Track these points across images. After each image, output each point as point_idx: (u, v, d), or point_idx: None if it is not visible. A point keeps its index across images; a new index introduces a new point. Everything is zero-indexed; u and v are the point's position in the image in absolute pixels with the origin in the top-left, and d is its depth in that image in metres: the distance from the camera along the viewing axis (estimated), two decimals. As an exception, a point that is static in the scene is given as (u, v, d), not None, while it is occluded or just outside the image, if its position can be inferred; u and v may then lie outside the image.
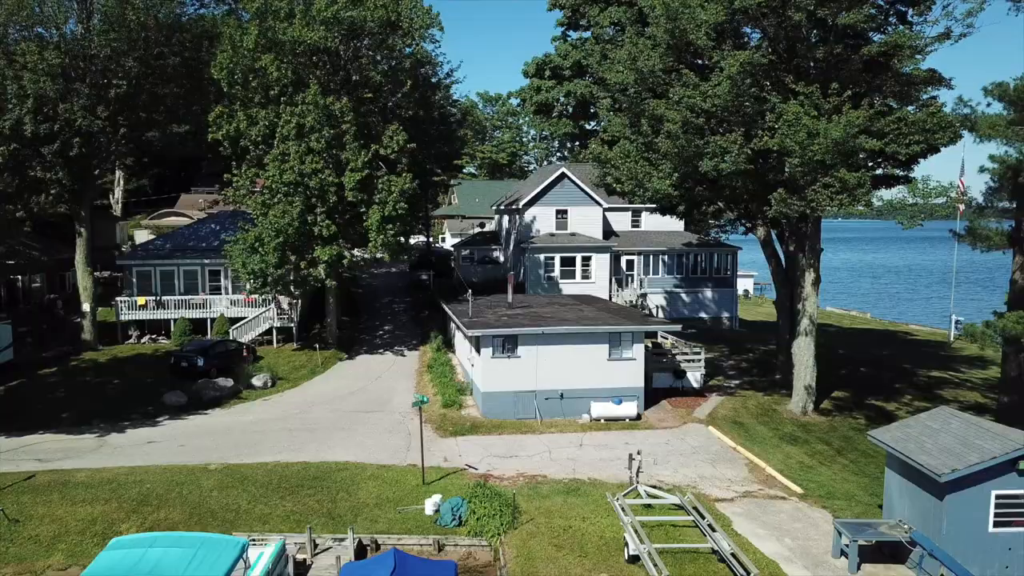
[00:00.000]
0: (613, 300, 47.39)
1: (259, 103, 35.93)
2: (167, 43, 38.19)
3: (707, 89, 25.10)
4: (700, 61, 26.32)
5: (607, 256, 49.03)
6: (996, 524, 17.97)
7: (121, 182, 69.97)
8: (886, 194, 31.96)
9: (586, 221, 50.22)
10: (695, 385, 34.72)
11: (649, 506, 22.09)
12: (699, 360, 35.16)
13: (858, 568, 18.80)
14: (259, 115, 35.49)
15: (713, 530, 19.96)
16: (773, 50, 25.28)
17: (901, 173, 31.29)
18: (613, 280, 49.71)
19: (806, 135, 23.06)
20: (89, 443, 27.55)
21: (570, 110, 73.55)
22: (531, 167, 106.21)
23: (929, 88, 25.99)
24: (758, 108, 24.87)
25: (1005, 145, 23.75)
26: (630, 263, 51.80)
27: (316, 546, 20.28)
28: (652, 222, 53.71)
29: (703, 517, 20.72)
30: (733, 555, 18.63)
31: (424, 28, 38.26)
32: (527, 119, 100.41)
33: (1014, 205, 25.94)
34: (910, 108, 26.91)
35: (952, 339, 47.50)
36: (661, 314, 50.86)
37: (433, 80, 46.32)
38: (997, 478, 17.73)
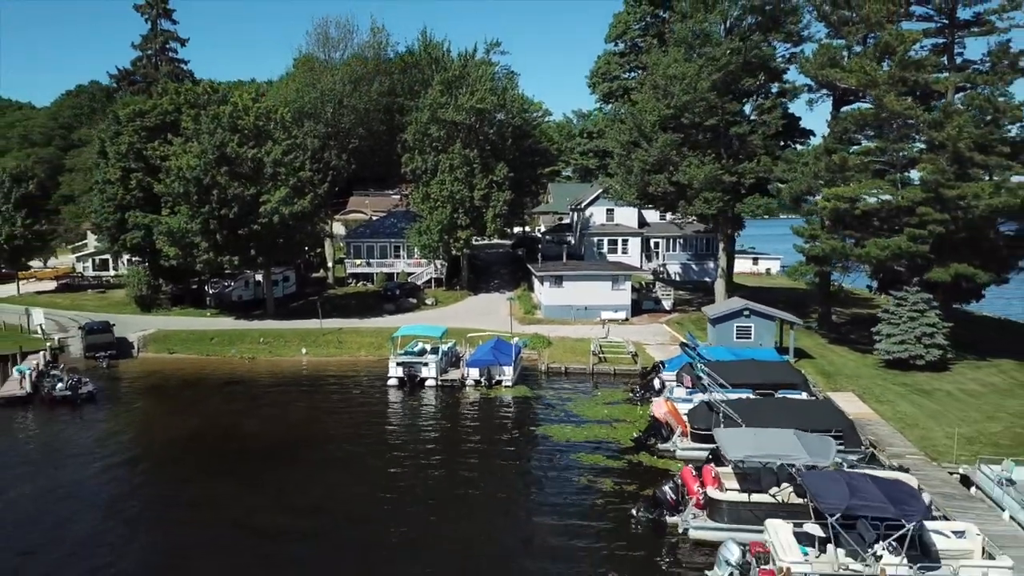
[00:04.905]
0: (641, 267, 74.24)
1: (427, 151, 65.42)
2: (379, 118, 68.68)
3: (651, 151, 52.06)
4: (648, 137, 53.20)
5: (639, 239, 75.89)
6: (737, 337, 44.38)
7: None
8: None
9: (626, 216, 77.10)
10: (667, 308, 61.45)
11: (610, 343, 49.59)
12: (670, 295, 61.97)
13: (686, 359, 45.68)
14: (428, 158, 65.00)
15: (630, 345, 47.45)
16: (682, 133, 51.94)
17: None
18: (643, 255, 76.54)
19: (691, 175, 49.71)
20: (355, 323, 57.89)
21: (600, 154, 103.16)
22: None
23: (765, 154, 51.56)
24: (675, 161, 51.70)
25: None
26: (656, 243, 78.33)
27: (463, 352, 49.03)
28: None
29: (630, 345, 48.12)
30: (632, 351, 46.05)
31: (520, 105, 66.91)
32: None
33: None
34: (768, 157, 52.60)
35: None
36: (677, 278, 77.15)
37: (525, 130, 74.69)
38: (736, 318, 44.21)
